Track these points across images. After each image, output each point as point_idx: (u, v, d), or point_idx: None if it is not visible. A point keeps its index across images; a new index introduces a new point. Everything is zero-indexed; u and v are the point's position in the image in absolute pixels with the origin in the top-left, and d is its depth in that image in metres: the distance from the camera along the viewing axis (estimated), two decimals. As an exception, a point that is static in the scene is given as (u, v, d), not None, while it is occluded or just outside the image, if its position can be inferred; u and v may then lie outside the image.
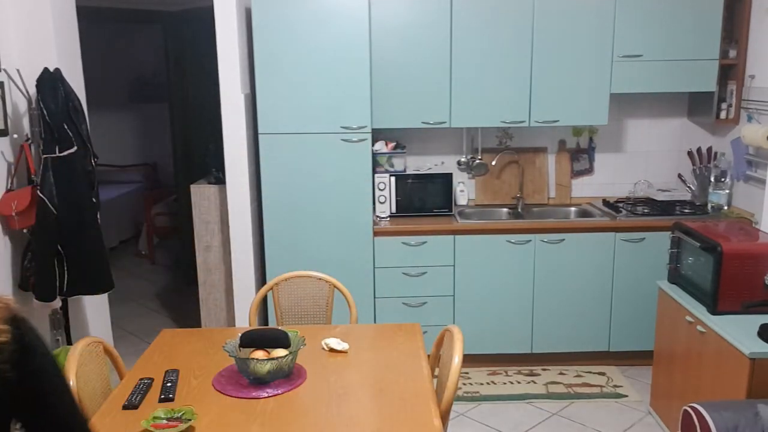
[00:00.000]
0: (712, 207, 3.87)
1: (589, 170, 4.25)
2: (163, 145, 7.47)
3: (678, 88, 3.80)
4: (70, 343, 3.54)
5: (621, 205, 4.00)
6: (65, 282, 3.20)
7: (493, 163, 4.10)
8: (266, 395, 2.03)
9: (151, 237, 6.52)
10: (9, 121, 3.21)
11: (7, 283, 3.23)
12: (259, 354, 2.14)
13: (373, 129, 3.72)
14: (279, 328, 2.40)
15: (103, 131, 7.06)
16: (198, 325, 4.19)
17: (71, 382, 1.96)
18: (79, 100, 3.27)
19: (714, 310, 2.78)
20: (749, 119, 3.69)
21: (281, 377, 2.12)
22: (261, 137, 3.58)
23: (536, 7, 3.69)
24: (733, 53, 3.78)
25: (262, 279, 3.88)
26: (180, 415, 1.86)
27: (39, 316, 3.47)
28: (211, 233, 3.99)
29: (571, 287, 3.77)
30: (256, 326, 2.74)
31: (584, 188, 4.26)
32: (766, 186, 3.50)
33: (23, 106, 3.31)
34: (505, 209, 4.11)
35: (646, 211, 3.86)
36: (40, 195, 3.08)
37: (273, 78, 3.52)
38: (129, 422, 1.90)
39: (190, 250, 4.80)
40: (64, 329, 3.51)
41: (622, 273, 3.76)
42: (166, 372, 2.19)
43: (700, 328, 2.80)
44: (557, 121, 3.82)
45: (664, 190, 4.09)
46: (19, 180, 3.26)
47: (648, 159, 4.23)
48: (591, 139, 4.21)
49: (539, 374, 3.82)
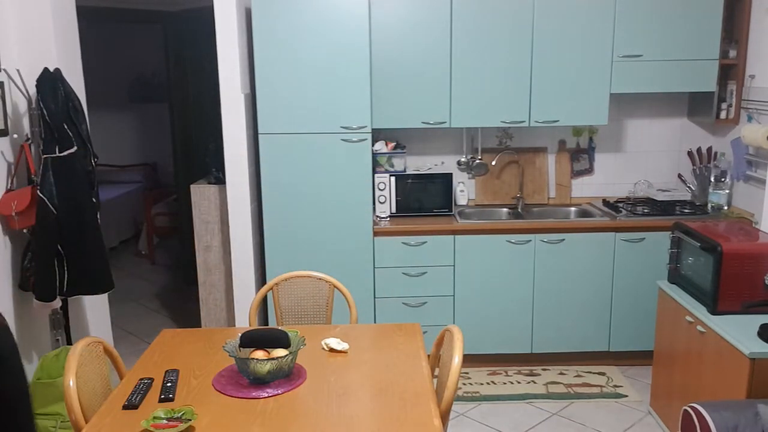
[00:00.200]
0: (712, 207, 3.87)
1: (589, 170, 4.25)
2: (163, 145, 7.48)
3: (678, 88, 3.80)
4: (70, 343, 3.54)
5: (621, 205, 4.00)
6: (65, 282, 3.20)
7: (493, 163, 4.11)
8: (266, 395, 2.03)
9: (151, 237, 6.52)
10: (9, 121, 3.21)
11: (7, 283, 3.23)
12: (259, 354, 2.14)
13: (373, 129, 3.72)
14: (279, 328, 2.40)
15: (103, 131, 7.07)
16: (198, 325, 4.19)
17: (71, 382, 1.96)
18: (79, 100, 3.27)
19: (714, 310, 2.78)
20: (749, 119, 3.69)
21: (281, 377, 2.12)
22: (261, 137, 3.58)
23: (536, 7, 3.69)
24: (733, 53, 3.78)
25: (262, 279, 3.88)
26: (180, 415, 1.86)
27: (39, 316, 3.47)
28: (211, 233, 3.99)
29: (571, 287, 3.77)
30: (256, 326, 2.73)
31: (584, 188, 4.27)
32: (766, 186, 3.50)
33: (23, 106, 3.31)
34: (505, 209, 4.11)
35: (646, 211, 3.86)
36: (40, 195, 3.08)
37: (273, 78, 3.52)
38: (129, 422, 1.89)
39: (190, 250, 4.80)
40: (64, 329, 3.51)
41: (622, 273, 3.76)
42: (166, 372, 2.19)
43: (700, 328, 2.80)
44: (557, 121, 3.82)
45: (664, 190, 4.09)
46: (19, 180, 3.26)
47: (648, 159, 4.23)
48: (591, 139, 4.21)
49: (539, 374, 3.82)
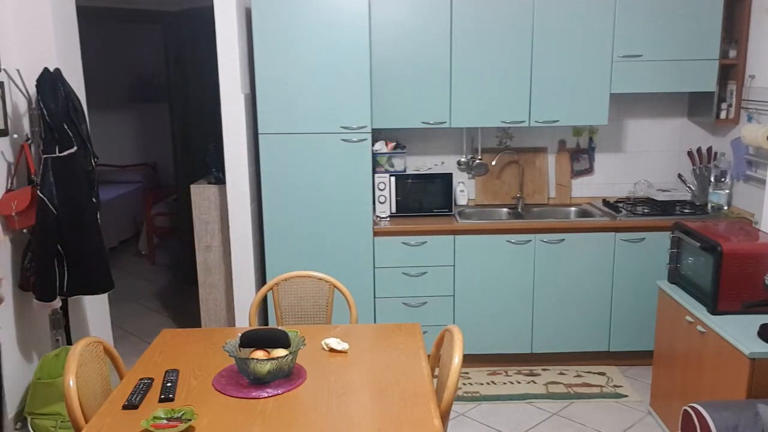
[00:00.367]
0: (712, 207, 3.87)
1: (589, 170, 4.25)
2: (163, 145, 7.48)
3: (678, 88, 3.80)
4: (70, 343, 3.54)
5: (621, 205, 4.00)
6: (65, 282, 3.20)
7: (493, 163, 4.11)
8: (266, 395, 2.03)
9: (151, 237, 6.52)
10: (9, 121, 3.21)
11: (7, 283, 3.23)
12: (259, 354, 2.14)
13: (373, 129, 3.72)
14: (279, 328, 2.40)
15: (103, 131, 7.08)
16: (198, 325, 4.19)
17: (71, 382, 1.96)
18: (79, 100, 3.27)
19: (714, 310, 2.78)
20: (749, 119, 3.69)
21: (281, 377, 2.12)
22: (261, 137, 3.58)
23: (536, 7, 3.69)
24: (733, 53, 3.78)
25: (262, 279, 3.88)
26: (180, 415, 1.86)
27: (39, 316, 3.47)
28: (211, 233, 3.99)
29: (571, 287, 3.77)
30: (256, 326, 2.73)
31: (584, 188, 4.27)
32: (766, 186, 3.50)
33: (23, 106, 3.31)
34: (505, 209, 4.11)
35: (646, 211, 3.86)
36: (40, 195, 3.08)
37: (273, 78, 3.52)
38: (129, 422, 1.89)
39: (190, 250, 4.80)
40: (64, 329, 3.51)
41: (622, 273, 3.76)
42: (166, 372, 2.19)
43: (700, 328, 2.80)
44: (557, 121, 3.82)
45: (664, 190, 4.09)
46: (19, 180, 3.26)
47: (648, 159, 4.23)
48: (591, 139, 4.21)
49: (539, 374, 3.82)
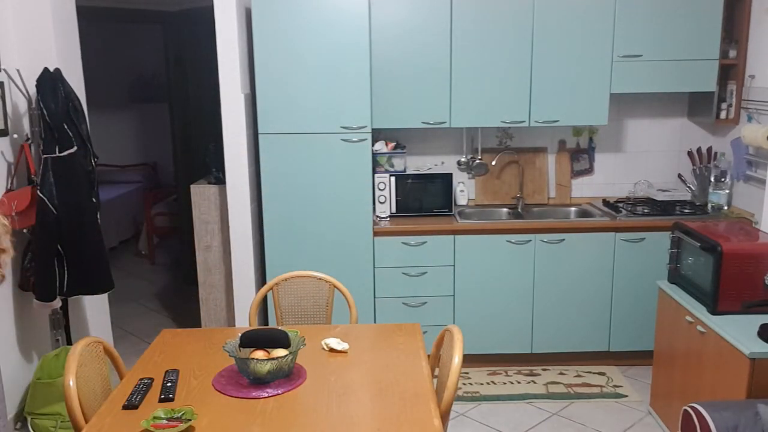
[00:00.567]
0: (712, 207, 3.87)
1: (589, 170, 4.25)
2: (163, 145, 7.47)
3: (678, 88, 3.80)
4: (70, 343, 3.54)
5: (621, 205, 4.00)
6: (65, 282, 3.20)
7: (493, 163, 4.11)
8: (266, 395, 2.03)
9: (151, 237, 6.52)
10: (9, 121, 3.21)
11: (7, 283, 3.23)
12: (259, 354, 2.14)
13: (373, 129, 3.72)
14: (279, 328, 2.40)
15: (103, 131, 7.06)
16: (198, 325, 4.19)
17: (71, 382, 1.96)
18: (79, 100, 3.27)
19: (714, 310, 2.78)
20: (749, 119, 3.69)
21: (281, 377, 2.12)
22: (261, 137, 3.58)
23: (536, 7, 3.69)
24: (733, 53, 3.78)
25: (262, 279, 3.88)
26: (180, 415, 1.86)
27: (39, 316, 3.47)
28: (211, 233, 3.99)
29: (571, 287, 3.77)
30: (256, 326, 2.73)
31: (584, 188, 4.26)
32: (766, 186, 3.50)
33: (23, 106, 3.31)
34: (505, 209, 4.11)
35: (646, 211, 3.86)
36: (40, 195, 3.08)
37: (273, 78, 3.52)
38: (129, 422, 1.89)
39: (190, 250, 4.80)
40: (64, 329, 3.51)
41: (622, 273, 3.76)
42: (166, 372, 2.19)
43: (700, 328, 2.80)
44: (557, 121, 3.82)
45: (664, 190, 4.09)
46: (19, 180, 3.26)
47: (648, 159, 4.23)
48: (591, 139, 4.21)
49: (539, 374, 3.82)
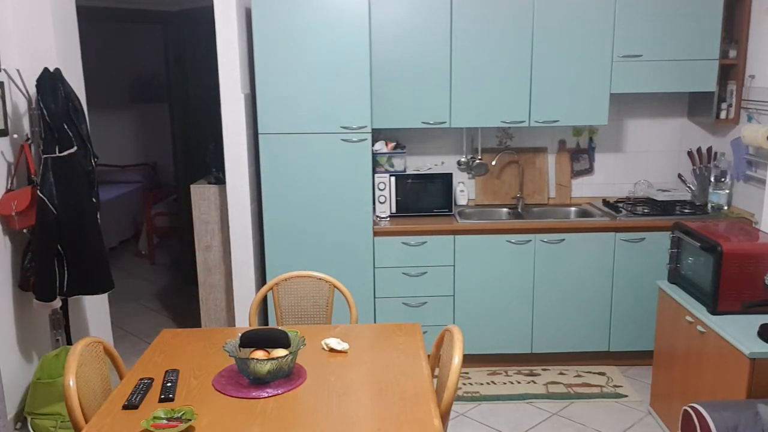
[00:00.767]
0: (712, 207, 3.87)
1: (589, 170, 4.25)
2: (163, 145, 7.48)
3: (678, 88, 3.80)
4: (70, 343, 3.54)
5: (621, 205, 4.00)
6: (65, 282, 3.20)
7: (493, 163, 4.11)
8: (266, 395, 2.03)
9: (151, 237, 6.52)
10: (9, 121, 3.21)
11: (7, 283, 3.23)
12: (259, 354, 2.14)
13: (373, 129, 3.72)
14: (279, 328, 2.40)
15: (103, 131, 7.08)
16: (198, 325, 4.19)
17: (71, 382, 1.96)
18: (79, 100, 3.27)
19: (714, 310, 2.78)
20: (749, 119, 3.69)
21: (281, 377, 2.12)
22: (261, 137, 3.58)
23: (536, 7, 3.69)
24: (733, 53, 3.78)
25: (262, 279, 3.88)
26: (180, 415, 1.86)
27: (39, 316, 3.47)
28: (211, 233, 3.99)
29: (571, 287, 3.77)
30: (256, 326, 2.73)
31: (584, 188, 4.27)
32: (766, 186, 3.50)
33: (23, 106, 3.31)
34: (505, 209, 4.11)
35: (646, 211, 3.86)
36: (40, 195, 3.08)
37: (273, 78, 3.52)
38: (129, 422, 1.89)
39: (190, 250, 4.80)
40: (64, 329, 3.51)
41: (622, 273, 3.76)
42: (166, 372, 2.19)
43: (700, 328, 2.80)
44: (557, 121, 3.82)
45: (664, 190, 4.09)
46: (19, 180, 3.26)
47: (648, 159, 4.23)
48: (591, 139, 4.21)
49: (539, 374, 3.82)
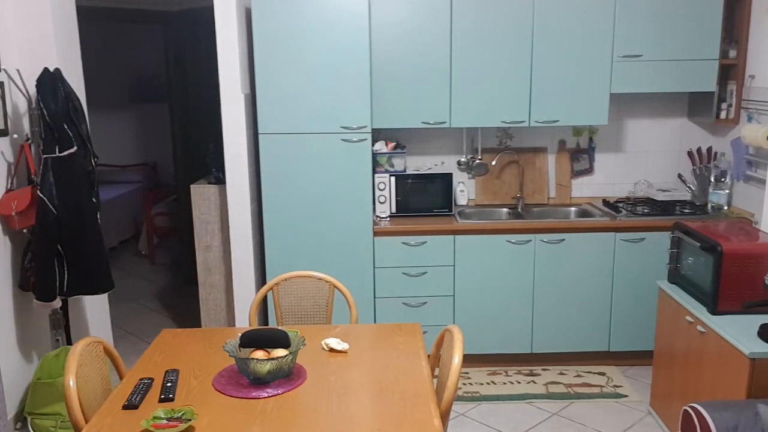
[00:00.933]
0: (712, 207, 3.87)
1: (589, 170, 4.25)
2: (163, 145, 7.48)
3: (678, 88, 3.80)
4: (70, 343, 3.54)
5: (621, 205, 4.00)
6: (65, 282, 3.20)
7: (493, 163, 4.11)
8: (266, 395, 2.03)
9: (151, 237, 6.52)
10: (9, 121, 3.21)
11: (7, 283, 3.23)
12: (259, 354, 2.14)
13: (373, 129, 3.72)
14: (279, 328, 2.40)
15: (103, 131, 7.07)
16: (198, 325, 4.19)
17: (71, 382, 1.96)
18: (79, 100, 3.27)
19: (714, 310, 2.78)
20: (749, 119, 3.69)
21: (281, 377, 2.12)
22: (261, 137, 3.58)
23: (536, 7, 3.69)
24: (733, 53, 3.78)
25: (262, 279, 3.88)
26: (180, 415, 1.86)
27: (39, 316, 3.47)
28: (211, 233, 3.99)
29: (571, 287, 3.77)
30: (256, 326, 2.73)
31: (584, 188, 4.27)
32: (766, 186, 3.50)
33: (23, 106, 3.31)
34: (505, 209, 4.11)
35: (646, 211, 3.86)
36: (40, 195, 3.08)
37: (273, 78, 3.52)
38: (129, 422, 1.89)
39: (190, 250, 4.80)
40: (64, 329, 3.51)
41: (622, 273, 3.76)
42: (166, 372, 2.19)
43: (700, 328, 2.80)
44: (557, 121, 3.82)
45: (664, 190, 4.09)
46: (19, 180, 3.26)
47: (648, 159, 4.23)
48: (591, 139, 4.21)
49: (539, 374, 3.82)
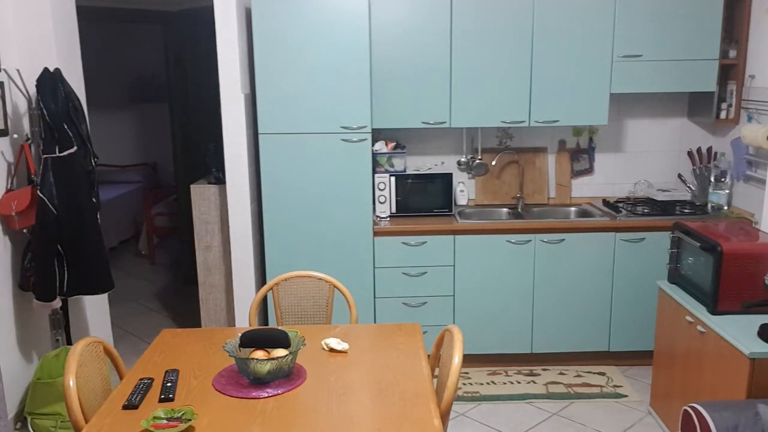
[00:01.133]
0: (712, 207, 3.87)
1: (589, 170, 4.25)
2: (163, 145, 7.48)
3: (678, 88, 3.80)
4: (70, 343, 3.54)
5: (621, 205, 4.00)
6: (65, 282, 3.20)
7: (493, 163, 4.11)
8: (266, 395, 2.03)
9: (151, 237, 6.52)
10: (9, 121, 3.21)
11: (7, 283, 3.23)
12: (259, 354, 2.14)
13: (373, 129, 3.72)
14: (279, 328, 2.40)
15: (103, 131, 7.07)
16: (198, 325, 4.19)
17: (71, 382, 1.96)
18: (79, 100, 3.27)
19: (714, 310, 2.78)
20: (749, 119, 3.69)
21: (281, 377, 2.12)
22: (261, 137, 3.58)
23: (536, 7, 3.69)
24: (733, 53, 3.78)
25: (262, 279, 3.88)
26: (180, 415, 1.86)
27: (39, 316, 3.47)
28: (211, 233, 3.99)
29: (571, 287, 3.77)
30: (256, 326, 2.73)
31: (584, 188, 4.27)
32: (766, 186, 3.50)
33: (23, 106, 3.31)
34: (505, 209, 4.11)
35: (646, 211, 3.86)
36: (40, 195, 3.08)
37: (273, 78, 3.52)
38: (129, 422, 1.89)
39: (190, 250, 4.80)
40: (64, 329, 3.51)
41: (622, 273, 3.76)
42: (166, 372, 2.19)
43: (700, 328, 2.80)
44: (557, 121, 3.82)
45: (664, 190, 4.09)
46: (19, 180, 3.26)
47: (648, 159, 4.23)
48: (591, 139, 4.21)
49: (539, 374, 3.82)
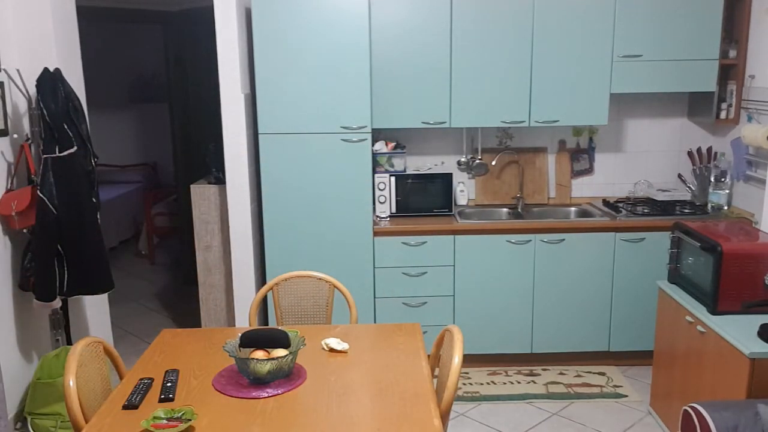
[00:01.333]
0: (712, 207, 3.87)
1: (589, 170, 4.25)
2: (163, 145, 7.48)
3: (678, 88, 3.80)
4: (70, 343, 3.54)
5: (621, 205, 4.00)
6: (65, 282, 3.20)
7: (493, 163, 4.11)
8: (266, 395, 2.03)
9: (151, 237, 6.52)
10: (9, 121, 3.21)
11: (7, 283, 3.23)
12: (259, 354, 2.14)
13: (373, 129, 3.72)
14: (279, 328, 2.40)
15: (103, 131, 7.08)
16: (198, 325, 4.19)
17: (71, 382, 1.96)
18: (79, 100, 3.27)
19: (714, 310, 2.78)
20: (749, 119, 3.69)
21: (281, 377, 2.13)
22: (261, 137, 3.58)
23: (536, 7, 3.69)
24: (733, 53, 3.78)
25: (262, 279, 3.88)
26: (180, 415, 1.86)
27: (39, 316, 3.47)
28: (211, 233, 3.99)
29: (571, 287, 3.77)
30: (256, 326, 2.73)
31: (584, 188, 4.27)
32: (766, 186, 3.50)
33: (23, 106, 3.31)
34: (505, 209, 4.11)
35: (646, 211, 3.86)
36: (40, 195, 3.08)
37: (273, 78, 3.52)
38: (129, 422, 1.89)
39: (190, 250, 4.80)
40: (64, 329, 3.51)
41: (622, 273, 3.76)
42: (166, 372, 2.19)
43: (700, 328, 2.80)
44: (557, 121, 3.82)
45: (664, 190, 4.09)
46: (19, 180, 3.27)
47: (648, 159, 4.23)
48: (591, 139, 4.21)
49: (539, 374, 3.82)
